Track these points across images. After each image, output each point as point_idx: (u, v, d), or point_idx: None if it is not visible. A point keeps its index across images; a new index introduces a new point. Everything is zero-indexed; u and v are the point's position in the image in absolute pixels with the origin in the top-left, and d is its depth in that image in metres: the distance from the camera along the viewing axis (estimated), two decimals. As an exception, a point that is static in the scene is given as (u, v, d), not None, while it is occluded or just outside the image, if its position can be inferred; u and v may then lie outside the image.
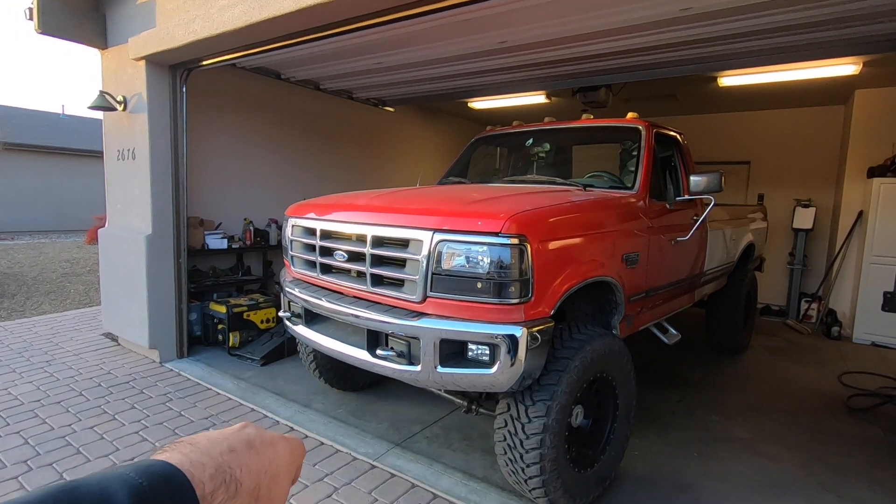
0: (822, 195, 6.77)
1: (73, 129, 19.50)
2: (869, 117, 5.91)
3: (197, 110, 4.79)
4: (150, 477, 0.33)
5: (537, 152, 4.21)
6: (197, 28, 3.51)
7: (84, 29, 4.53)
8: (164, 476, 0.34)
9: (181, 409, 3.53)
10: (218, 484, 0.37)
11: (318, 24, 3.20)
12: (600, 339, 2.46)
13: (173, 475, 0.35)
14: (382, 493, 2.64)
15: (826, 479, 2.90)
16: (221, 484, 0.37)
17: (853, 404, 3.93)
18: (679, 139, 3.88)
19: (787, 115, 7.02)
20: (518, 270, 2.14)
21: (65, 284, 7.95)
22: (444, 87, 5.49)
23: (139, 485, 0.32)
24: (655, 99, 6.69)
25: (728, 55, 4.02)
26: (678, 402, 3.92)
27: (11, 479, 2.67)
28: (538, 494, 2.35)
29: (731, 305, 4.86)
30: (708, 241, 3.99)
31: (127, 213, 4.54)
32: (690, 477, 2.89)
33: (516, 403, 2.31)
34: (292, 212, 3.15)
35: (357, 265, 2.60)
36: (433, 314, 2.28)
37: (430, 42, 3.88)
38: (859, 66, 4.62)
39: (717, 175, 3.19)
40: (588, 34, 3.61)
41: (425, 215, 2.40)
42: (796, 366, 4.89)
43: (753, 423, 3.60)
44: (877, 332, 5.62)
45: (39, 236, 15.36)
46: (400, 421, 3.45)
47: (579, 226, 2.54)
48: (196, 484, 0.35)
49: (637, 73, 4.51)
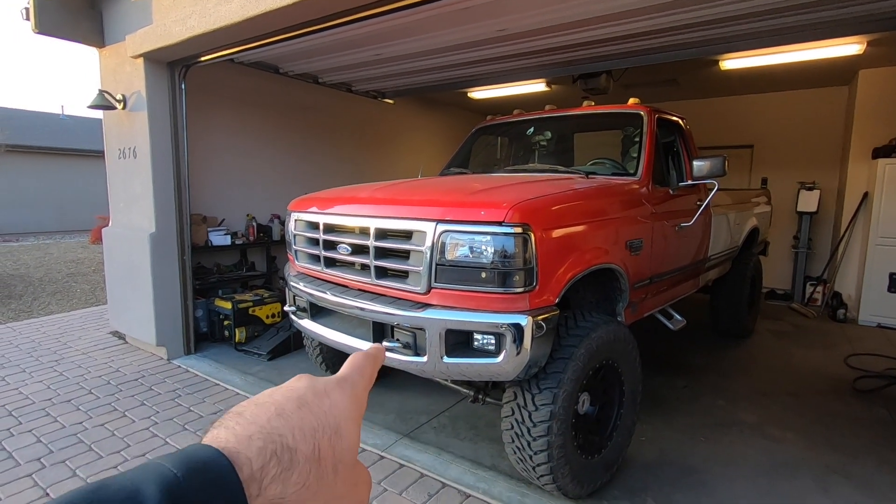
0: (826, 177, 6.72)
1: (73, 130, 19.52)
2: (873, 97, 5.85)
3: (197, 106, 4.78)
4: (186, 466, 0.30)
5: (539, 141, 4.19)
6: (194, 24, 3.49)
7: (81, 28, 4.51)
8: (203, 462, 0.31)
9: (190, 404, 3.56)
10: (268, 456, 0.33)
11: (315, 16, 3.18)
12: (605, 327, 2.46)
13: (213, 460, 0.31)
14: (391, 483, 2.66)
15: (833, 461, 2.91)
16: (272, 455, 0.33)
17: (859, 386, 3.93)
18: (681, 124, 3.85)
19: (789, 97, 6.95)
20: (522, 259, 2.14)
21: (71, 284, 8.00)
22: (444, 78, 5.46)
23: (173, 476, 0.29)
24: (657, 84, 6.64)
25: (729, 38, 3.98)
26: (684, 387, 3.93)
27: (26, 476, 2.70)
28: (546, 481, 2.36)
29: (736, 290, 4.85)
30: (712, 226, 3.97)
31: (130, 211, 4.55)
32: (697, 461, 2.91)
33: (523, 392, 2.32)
34: (295, 206, 3.15)
35: (361, 258, 2.60)
36: (438, 305, 2.29)
37: (430, 32, 3.85)
38: (863, 45, 4.56)
39: (720, 159, 3.17)
40: (588, 20, 3.57)
41: (428, 206, 2.40)
42: (802, 349, 4.89)
43: (760, 406, 3.60)
44: (883, 313, 5.60)
45: (44, 237, 15.43)
46: (407, 412, 3.47)
47: (582, 213, 2.54)
48: (242, 464, 0.32)
49: (638, 58, 4.47)
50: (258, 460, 0.32)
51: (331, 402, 0.39)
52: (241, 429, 0.34)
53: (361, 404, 0.42)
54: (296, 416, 0.36)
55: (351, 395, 0.41)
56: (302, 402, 0.37)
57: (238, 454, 0.32)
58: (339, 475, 0.37)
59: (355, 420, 0.41)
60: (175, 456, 0.31)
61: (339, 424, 0.38)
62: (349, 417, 0.40)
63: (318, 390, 0.39)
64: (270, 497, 0.32)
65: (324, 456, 0.36)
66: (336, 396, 0.40)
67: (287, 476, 0.33)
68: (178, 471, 0.30)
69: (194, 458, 0.31)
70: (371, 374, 0.45)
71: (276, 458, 0.33)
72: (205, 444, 0.33)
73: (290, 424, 0.35)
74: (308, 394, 0.38)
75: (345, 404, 0.40)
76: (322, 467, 0.35)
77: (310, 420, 0.36)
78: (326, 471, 0.36)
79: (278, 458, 0.33)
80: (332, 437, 0.37)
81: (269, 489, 0.32)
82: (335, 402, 0.39)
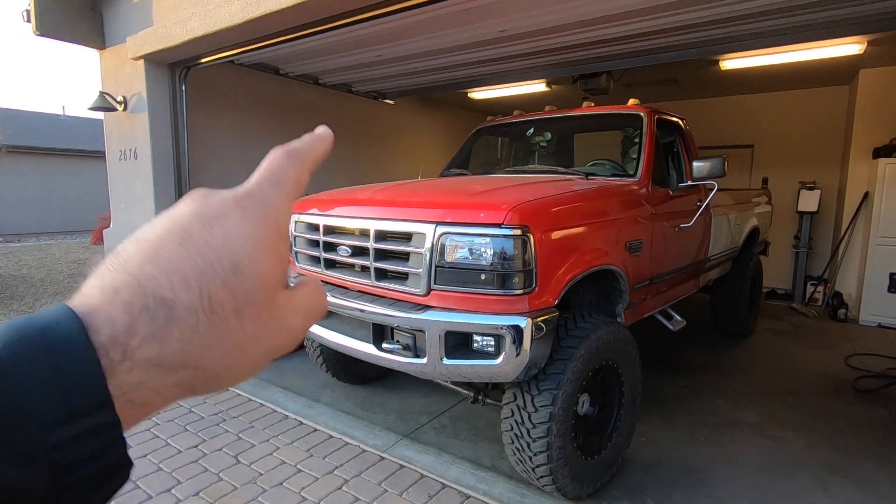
0: (826, 177, 6.71)
1: (74, 131, 19.55)
2: (874, 97, 5.84)
3: (197, 108, 4.79)
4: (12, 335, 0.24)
5: (539, 141, 4.20)
6: (194, 26, 3.50)
7: (82, 29, 4.53)
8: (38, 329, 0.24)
9: (190, 405, 3.57)
10: (137, 313, 0.26)
11: (316, 18, 3.19)
12: (605, 328, 2.47)
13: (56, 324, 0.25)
14: (392, 484, 2.67)
15: (833, 460, 2.92)
16: (142, 312, 0.26)
17: (860, 386, 3.93)
18: (681, 124, 3.85)
19: (790, 97, 6.94)
20: (521, 261, 2.15)
21: (72, 285, 8.02)
22: (445, 78, 5.46)
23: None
24: (657, 84, 6.63)
25: (730, 38, 3.98)
26: (684, 387, 3.93)
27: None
28: (546, 482, 2.37)
29: (736, 290, 4.86)
30: (712, 226, 3.97)
31: (131, 212, 4.57)
32: (697, 461, 2.91)
33: (522, 393, 2.33)
34: (294, 207, 3.15)
35: (361, 260, 2.61)
36: (438, 307, 2.29)
37: (430, 33, 3.86)
38: (864, 45, 4.56)
39: (719, 160, 3.17)
40: (588, 20, 3.58)
41: (427, 208, 2.41)
42: (802, 349, 4.89)
43: (760, 406, 3.61)
44: (883, 313, 5.60)
45: (45, 238, 15.46)
46: (407, 413, 3.48)
47: (582, 215, 2.54)
48: (100, 325, 0.25)
49: (638, 58, 4.47)
50: (123, 318, 0.26)
51: (225, 232, 0.29)
52: (109, 277, 0.27)
53: (278, 221, 0.32)
54: (176, 256, 0.28)
55: (259, 215, 0.31)
56: (186, 236, 0.29)
57: (97, 312, 0.26)
58: (247, 317, 0.29)
59: (267, 246, 0.31)
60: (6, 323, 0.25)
61: (237, 261, 0.29)
62: (256, 247, 0.30)
63: (209, 216, 0.30)
64: (142, 360, 0.26)
65: (218, 303, 0.28)
66: (233, 222, 0.30)
67: (165, 333, 0.27)
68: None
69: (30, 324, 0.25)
70: (296, 177, 0.34)
71: (146, 313, 0.26)
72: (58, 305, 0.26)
73: (166, 269, 0.27)
74: (194, 224, 0.29)
75: (247, 230, 0.30)
76: (217, 315, 0.28)
77: (194, 260, 0.28)
78: (225, 317, 0.28)
79: (150, 314, 0.26)
80: (227, 279, 0.28)
81: (140, 351, 0.26)
82: (231, 231, 0.30)
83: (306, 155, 0.35)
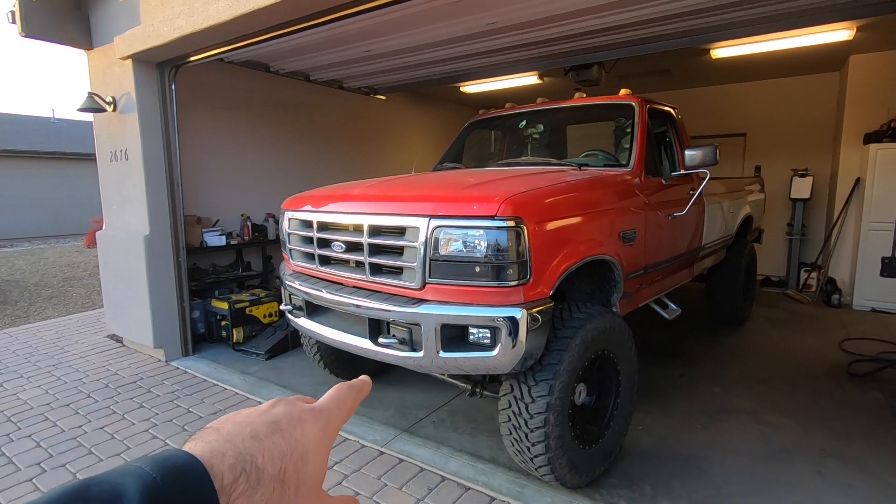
0: (818, 164, 6.74)
1: (64, 133, 19.38)
2: (864, 83, 5.86)
3: (187, 107, 4.76)
4: (164, 470, 0.32)
5: (531, 134, 4.19)
6: (182, 24, 3.47)
7: (68, 30, 4.48)
8: (180, 468, 0.33)
9: (189, 405, 3.57)
10: (238, 473, 0.36)
11: (304, 13, 3.16)
12: (600, 318, 2.48)
13: (190, 467, 0.34)
14: (391, 478, 2.68)
15: (828, 444, 2.95)
16: (242, 473, 0.36)
17: (854, 370, 3.97)
18: (673, 114, 3.86)
19: (781, 84, 6.96)
20: (515, 253, 2.15)
21: (66, 289, 7.97)
22: (436, 72, 5.44)
23: (152, 479, 0.31)
24: (649, 74, 6.63)
25: (720, 26, 3.98)
26: (680, 375, 3.96)
27: (27, 481, 2.71)
28: (544, 472, 2.38)
29: (731, 278, 4.88)
30: (705, 214, 3.99)
31: (123, 214, 4.54)
32: (694, 448, 2.93)
33: (519, 384, 2.33)
34: (288, 205, 3.15)
35: (355, 255, 2.61)
36: (433, 300, 2.29)
37: (420, 26, 3.84)
38: (853, 31, 4.57)
39: (711, 148, 3.18)
40: (578, 10, 3.57)
41: (421, 202, 2.40)
42: (797, 335, 4.92)
43: (756, 393, 3.64)
44: (876, 297, 5.65)
45: (38, 242, 15.36)
46: (406, 407, 3.49)
47: (575, 205, 2.54)
48: (215, 475, 0.34)
49: (629, 48, 4.47)
50: (229, 475, 0.35)
51: (303, 432, 0.42)
52: (216, 444, 0.37)
53: (332, 435, 0.45)
54: (268, 439, 0.39)
55: (324, 427, 0.44)
56: (276, 427, 0.41)
57: (212, 466, 0.35)
58: (301, 496, 0.40)
59: (324, 449, 0.44)
60: (152, 459, 0.33)
61: (306, 452, 0.41)
62: (317, 447, 0.43)
63: (294, 418, 0.42)
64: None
65: (288, 478, 0.39)
66: (309, 426, 0.43)
67: (252, 493, 0.36)
68: (156, 474, 0.32)
69: (171, 462, 0.33)
70: (352, 406, 0.49)
71: (245, 475, 0.36)
72: (183, 451, 0.35)
73: (261, 447, 0.38)
74: (283, 420, 0.42)
75: (316, 435, 0.43)
76: (285, 488, 0.39)
77: (280, 445, 0.39)
78: (289, 492, 0.39)
79: (247, 476, 0.36)
80: (297, 463, 0.40)
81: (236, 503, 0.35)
82: (307, 432, 0.42)
83: (359, 392, 0.50)
